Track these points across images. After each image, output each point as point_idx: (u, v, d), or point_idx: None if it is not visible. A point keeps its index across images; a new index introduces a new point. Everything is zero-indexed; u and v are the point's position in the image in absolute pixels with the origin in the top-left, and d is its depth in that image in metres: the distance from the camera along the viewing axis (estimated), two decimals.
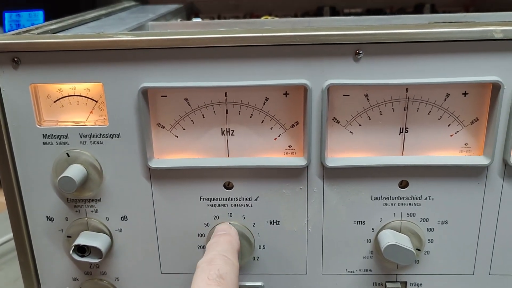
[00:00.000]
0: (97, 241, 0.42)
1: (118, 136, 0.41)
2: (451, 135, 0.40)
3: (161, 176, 0.42)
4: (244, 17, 0.76)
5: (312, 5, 0.76)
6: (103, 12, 0.61)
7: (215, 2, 0.79)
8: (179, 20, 0.64)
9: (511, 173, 0.40)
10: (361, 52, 0.37)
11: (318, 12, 0.73)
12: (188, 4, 0.78)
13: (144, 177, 0.42)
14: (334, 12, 0.73)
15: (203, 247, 0.44)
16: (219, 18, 0.76)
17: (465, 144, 0.41)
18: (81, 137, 0.41)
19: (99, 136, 0.41)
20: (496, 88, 0.38)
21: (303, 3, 0.77)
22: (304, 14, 0.75)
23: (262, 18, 0.58)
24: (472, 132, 0.40)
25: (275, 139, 0.41)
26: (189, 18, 0.75)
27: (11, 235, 0.67)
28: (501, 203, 0.41)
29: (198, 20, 0.71)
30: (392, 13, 0.74)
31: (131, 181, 0.42)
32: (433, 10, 0.72)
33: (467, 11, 0.75)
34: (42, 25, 0.48)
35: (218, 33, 0.38)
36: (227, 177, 0.42)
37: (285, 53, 0.38)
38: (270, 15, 0.77)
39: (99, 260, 0.42)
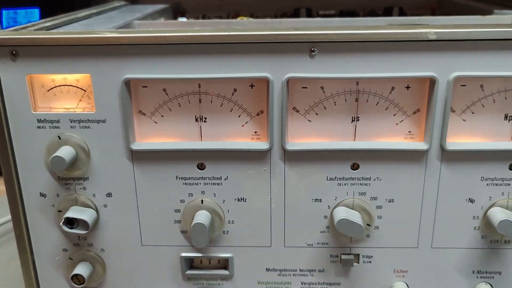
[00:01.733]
0: (84, 214, 0.48)
1: (104, 121, 0.46)
2: (396, 124, 0.46)
3: (142, 157, 0.47)
4: (227, 17, 0.81)
5: (290, 7, 0.82)
6: (94, 11, 0.66)
7: (200, 2, 0.84)
8: (162, 19, 0.69)
9: (447, 157, 0.46)
10: (315, 49, 0.43)
11: (295, 13, 0.78)
12: (175, 4, 0.83)
13: (127, 158, 0.47)
14: (310, 13, 0.78)
15: (179, 221, 0.49)
16: (203, 17, 0.81)
17: (408, 131, 0.46)
18: (71, 122, 0.46)
19: (87, 121, 0.46)
20: (432, 82, 0.43)
21: (281, 4, 0.83)
22: (283, 15, 0.80)
23: (238, 19, 0.64)
24: (415, 121, 0.46)
25: (242, 125, 0.47)
26: (175, 17, 0.80)
27: (5, 218, 0.72)
28: (440, 184, 0.47)
29: (183, 19, 0.76)
30: (364, 15, 0.80)
31: (115, 161, 0.48)
32: (401, 13, 0.77)
33: (433, 14, 0.81)
34: (38, 22, 0.53)
35: (192, 31, 0.43)
36: (200, 158, 0.47)
37: (250, 50, 0.43)
38: (251, 15, 0.82)
39: (85, 231, 0.48)
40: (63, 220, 0.47)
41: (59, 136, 0.46)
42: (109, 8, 0.70)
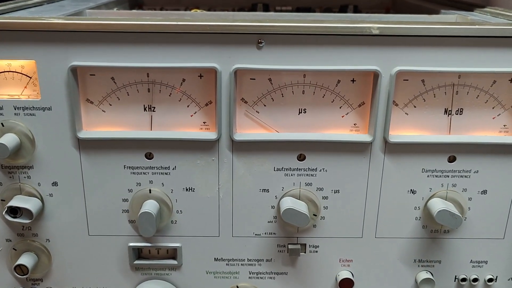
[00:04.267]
0: (28, 203, 0.47)
1: (49, 109, 0.46)
2: (342, 116, 0.47)
3: (89, 146, 0.47)
4: (185, 11, 0.81)
5: (248, 2, 0.82)
6: None
7: None
8: (115, 9, 0.68)
9: (390, 149, 0.47)
10: (262, 41, 0.43)
11: (253, 8, 0.79)
12: None
13: (74, 147, 0.47)
14: (267, 8, 0.79)
15: (127, 211, 0.49)
16: (161, 9, 0.81)
17: (354, 124, 0.47)
18: (15, 109, 0.45)
19: (31, 108, 0.45)
20: (376, 76, 0.45)
21: (240, 0, 0.83)
22: (240, 9, 0.80)
23: (192, 11, 0.64)
24: (360, 114, 0.47)
25: (191, 115, 0.47)
26: (132, 8, 0.80)
27: None
28: (383, 175, 0.48)
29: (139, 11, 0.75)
30: (320, 12, 0.81)
31: (61, 150, 0.47)
32: (356, 11, 0.79)
33: (387, 13, 0.83)
34: None
35: (141, 20, 0.43)
36: (148, 148, 0.47)
37: (198, 40, 0.44)
38: (209, 10, 0.82)
39: (29, 221, 0.47)
40: (6, 209, 0.46)
41: (2, 124, 0.45)
42: None
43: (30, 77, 0.45)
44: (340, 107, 0.47)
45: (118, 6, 0.73)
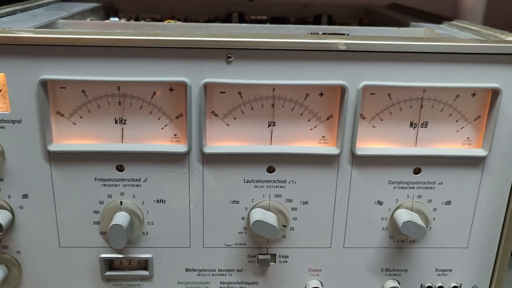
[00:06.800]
0: None
1: (19, 121, 0.46)
2: (311, 129, 0.48)
3: (59, 159, 0.47)
4: (161, 19, 0.81)
5: (223, 11, 0.83)
6: (19, 7, 0.65)
7: (133, 3, 0.84)
8: (88, 19, 0.68)
9: (357, 161, 0.48)
10: (232, 56, 0.44)
11: (228, 18, 0.80)
12: (107, 3, 0.82)
13: (44, 159, 0.47)
14: (242, 18, 0.79)
15: (98, 223, 0.49)
16: (136, 18, 0.81)
17: (322, 136, 0.48)
18: None
19: (1, 121, 0.45)
20: (343, 90, 0.46)
21: (215, 9, 0.84)
22: (215, 19, 0.81)
23: (166, 22, 0.64)
24: (328, 127, 0.48)
25: (162, 128, 0.47)
26: (107, 16, 0.80)
27: None
28: (351, 187, 0.49)
29: (115, 19, 0.76)
30: (294, 22, 0.82)
31: (32, 162, 0.47)
32: (330, 21, 0.80)
33: (361, 23, 0.84)
34: None
35: (110, 34, 0.44)
36: (120, 160, 0.48)
37: (168, 55, 0.44)
38: (185, 18, 0.83)
39: None
40: None
41: None
42: (35, 5, 0.69)
43: (0, 90, 0.45)
44: (308, 120, 0.48)
45: (93, 15, 0.73)
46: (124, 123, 0.47)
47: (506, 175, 0.49)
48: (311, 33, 0.58)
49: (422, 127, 0.48)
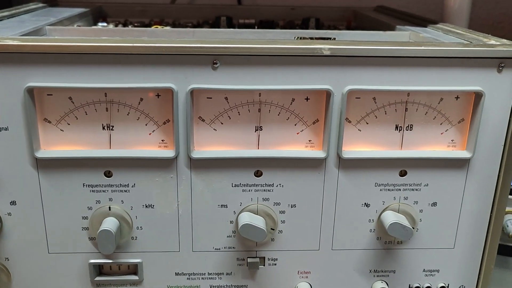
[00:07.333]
0: None
1: (6, 129, 0.46)
2: (297, 133, 0.49)
3: (47, 165, 0.47)
4: (149, 23, 0.81)
5: (212, 15, 0.83)
6: (6, 13, 0.65)
7: (122, 7, 0.84)
8: (76, 25, 0.69)
9: (344, 165, 0.49)
10: (217, 62, 0.45)
11: (216, 22, 0.80)
12: (96, 8, 0.82)
13: (32, 166, 0.47)
14: (231, 22, 0.80)
15: (87, 228, 0.49)
16: (125, 23, 0.81)
17: (309, 140, 0.49)
18: None
19: None
20: (328, 95, 0.46)
21: (204, 13, 0.84)
22: (204, 23, 0.81)
23: (153, 27, 0.65)
24: (314, 131, 0.48)
25: (149, 134, 0.48)
26: (96, 21, 0.80)
27: None
28: (338, 189, 0.50)
29: (103, 24, 0.76)
30: (282, 25, 0.83)
31: (19, 169, 0.47)
32: (318, 24, 0.81)
33: (349, 26, 0.85)
34: None
35: (97, 41, 0.44)
36: (107, 166, 0.48)
37: (154, 61, 0.44)
38: (174, 22, 0.83)
39: None
40: None
41: None
42: (23, 11, 0.69)
43: None
44: (295, 124, 0.48)
45: (81, 20, 0.73)
46: (112, 129, 0.47)
47: (490, 176, 0.50)
48: (297, 38, 0.59)
49: (407, 130, 0.49)
